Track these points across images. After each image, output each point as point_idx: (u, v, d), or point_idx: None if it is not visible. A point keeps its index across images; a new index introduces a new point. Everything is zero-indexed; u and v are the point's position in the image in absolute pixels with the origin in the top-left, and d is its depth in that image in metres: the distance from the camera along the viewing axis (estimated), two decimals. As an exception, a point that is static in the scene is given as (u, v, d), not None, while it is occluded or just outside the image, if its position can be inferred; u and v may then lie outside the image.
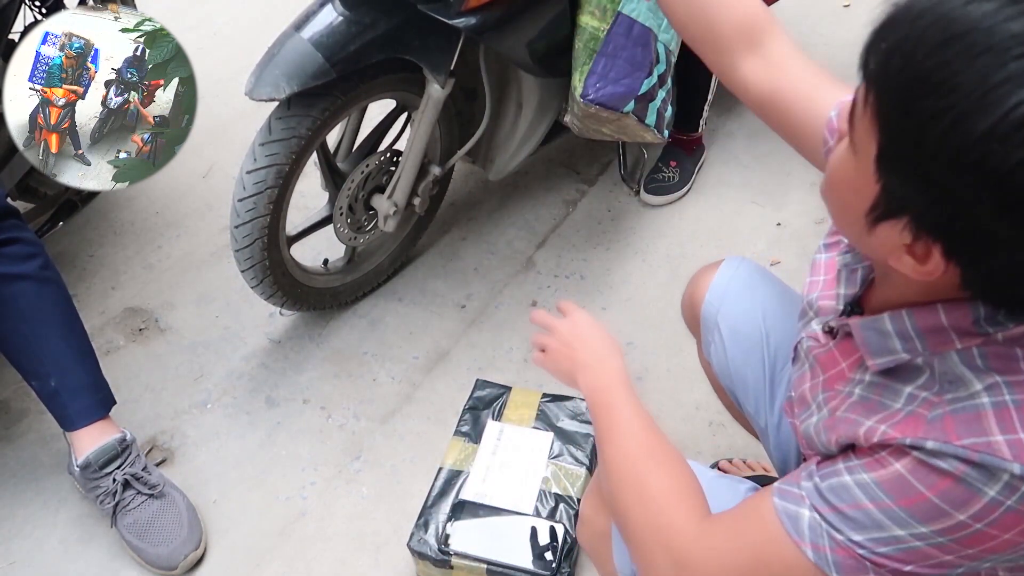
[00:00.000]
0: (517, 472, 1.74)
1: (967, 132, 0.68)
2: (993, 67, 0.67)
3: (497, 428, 1.82)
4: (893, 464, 0.85)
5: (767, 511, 0.93)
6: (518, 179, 2.65)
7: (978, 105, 0.67)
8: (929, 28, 0.72)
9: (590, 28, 1.89)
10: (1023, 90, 0.66)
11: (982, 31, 0.69)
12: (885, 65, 0.77)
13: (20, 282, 1.71)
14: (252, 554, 1.82)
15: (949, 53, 0.70)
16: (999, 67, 0.67)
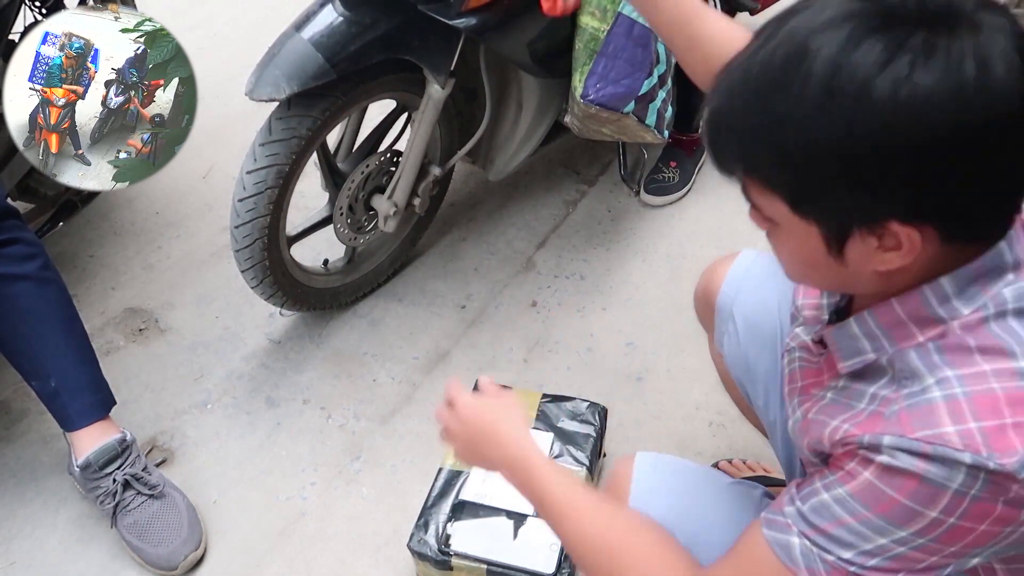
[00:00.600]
0: None
1: (834, 125, 0.76)
2: (810, 75, 0.77)
3: None
4: (862, 473, 0.87)
5: (760, 546, 0.95)
6: (518, 180, 2.65)
7: (822, 102, 0.76)
8: (744, 96, 0.82)
9: (590, 28, 1.89)
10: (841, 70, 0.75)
11: (775, 68, 0.79)
12: (739, 146, 0.85)
13: (20, 282, 1.71)
14: (252, 554, 1.82)
15: (770, 96, 0.79)
16: (809, 72, 0.77)
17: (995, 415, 0.81)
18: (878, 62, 0.74)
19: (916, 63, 0.73)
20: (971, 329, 0.85)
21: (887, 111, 0.74)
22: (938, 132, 0.74)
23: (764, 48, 0.81)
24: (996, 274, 0.86)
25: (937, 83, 0.73)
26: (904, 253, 0.83)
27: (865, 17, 0.76)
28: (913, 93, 0.73)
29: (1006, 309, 0.85)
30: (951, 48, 0.73)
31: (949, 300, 0.86)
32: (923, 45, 0.74)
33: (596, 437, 1.79)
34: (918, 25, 0.75)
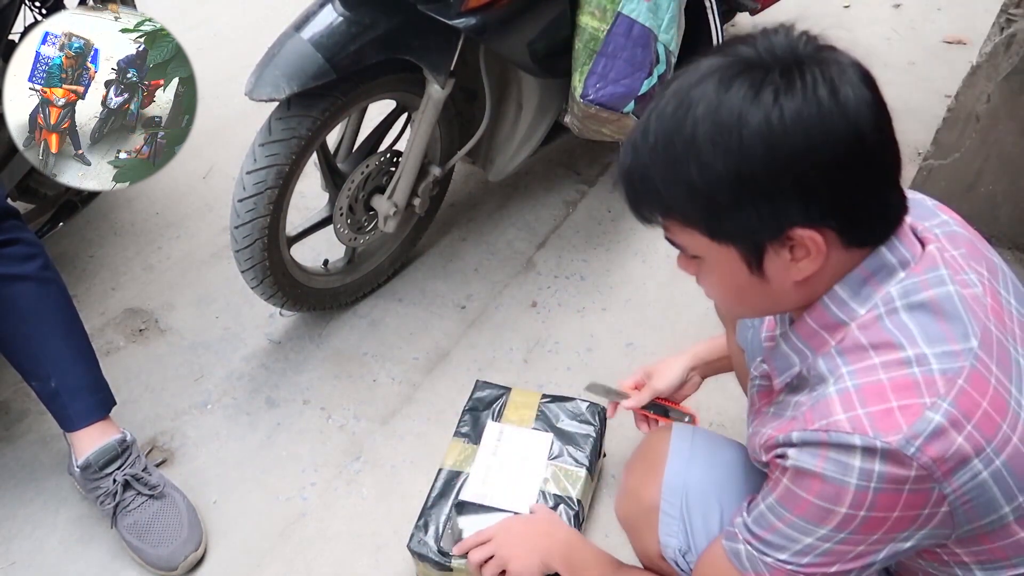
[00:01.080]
0: (517, 473, 1.73)
1: (730, 157, 0.90)
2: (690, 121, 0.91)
3: (497, 429, 1.81)
4: (782, 480, 1.00)
5: (719, 555, 1.11)
6: (518, 180, 2.65)
7: (711, 138, 0.90)
8: (648, 149, 0.95)
9: (590, 28, 1.89)
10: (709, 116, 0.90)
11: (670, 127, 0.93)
12: (653, 193, 0.97)
13: (20, 283, 1.71)
14: (252, 555, 1.82)
15: (669, 143, 0.93)
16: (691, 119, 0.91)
17: (881, 400, 0.92)
18: (748, 97, 0.88)
19: (779, 93, 0.88)
20: (866, 328, 0.97)
21: (764, 134, 0.88)
22: (808, 145, 0.88)
23: (656, 109, 0.95)
24: (886, 273, 0.98)
25: (799, 106, 0.87)
26: (813, 258, 0.94)
27: (729, 67, 0.91)
28: (781, 116, 0.87)
29: (896, 306, 0.96)
30: (805, 79, 0.88)
31: (846, 303, 0.99)
32: (781, 79, 0.88)
33: (596, 437, 1.79)
34: (773, 67, 0.90)
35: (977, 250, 1.08)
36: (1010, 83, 2.14)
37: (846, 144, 0.89)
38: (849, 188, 0.91)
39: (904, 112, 3.04)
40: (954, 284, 0.98)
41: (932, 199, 1.16)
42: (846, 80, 0.89)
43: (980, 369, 0.94)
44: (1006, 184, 2.33)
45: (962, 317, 0.96)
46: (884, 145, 0.94)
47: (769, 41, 0.93)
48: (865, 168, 0.92)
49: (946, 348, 0.94)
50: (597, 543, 1.78)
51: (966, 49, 3.14)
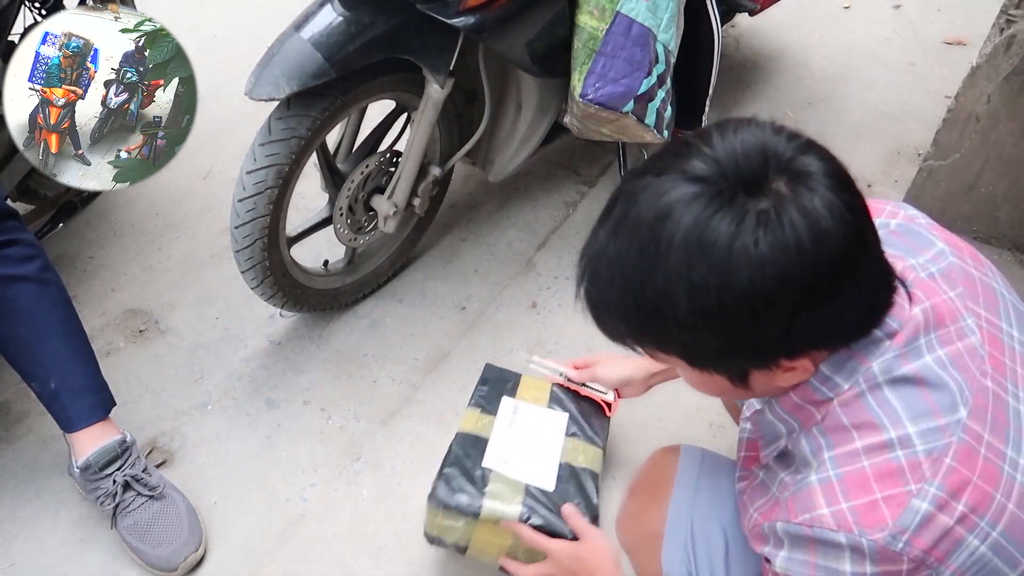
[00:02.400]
0: (535, 447, 1.66)
1: (699, 296, 0.83)
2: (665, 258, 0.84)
3: (512, 404, 1.73)
4: (768, 573, 0.99)
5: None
6: (518, 180, 2.65)
7: (688, 284, 0.83)
8: (614, 286, 0.89)
9: (589, 28, 1.89)
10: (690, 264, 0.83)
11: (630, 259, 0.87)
12: (625, 328, 0.93)
13: (20, 284, 1.71)
14: (252, 555, 1.81)
15: (641, 285, 0.86)
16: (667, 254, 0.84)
17: (865, 492, 0.89)
18: (725, 245, 0.81)
19: (757, 237, 0.81)
20: (848, 405, 0.94)
21: (747, 286, 0.81)
22: (795, 288, 0.82)
23: (617, 236, 0.88)
24: (871, 346, 0.93)
25: (781, 252, 0.81)
26: (800, 373, 0.92)
27: (695, 201, 0.83)
28: (763, 265, 0.81)
29: (878, 382, 0.92)
30: (780, 217, 0.81)
31: (830, 379, 0.95)
32: (758, 219, 0.81)
33: (607, 423, 1.76)
34: (744, 198, 0.82)
35: (974, 283, 1.03)
36: (1010, 84, 2.14)
37: (832, 277, 0.83)
38: (836, 316, 0.87)
39: (904, 113, 3.07)
40: (941, 348, 0.94)
41: (925, 217, 1.12)
42: (824, 203, 0.82)
43: (969, 441, 0.90)
44: (1006, 185, 2.33)
45: (949, 385, 0.92)
46: (868, 259, 0.87)
47: (731, 154, 0.84)
48: (853, 291, 0.86)
49: (931, 424, 0.90)
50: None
51: (966, 50, 3.14)
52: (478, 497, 1.53)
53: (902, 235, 1.06)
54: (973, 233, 2.46)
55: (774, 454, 1.06)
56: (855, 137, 2.81)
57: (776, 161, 0.84)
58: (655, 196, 0.85)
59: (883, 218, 1.09)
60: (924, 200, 2.47)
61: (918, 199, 2.48)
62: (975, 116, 2.25)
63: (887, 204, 1.13)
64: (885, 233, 1.04)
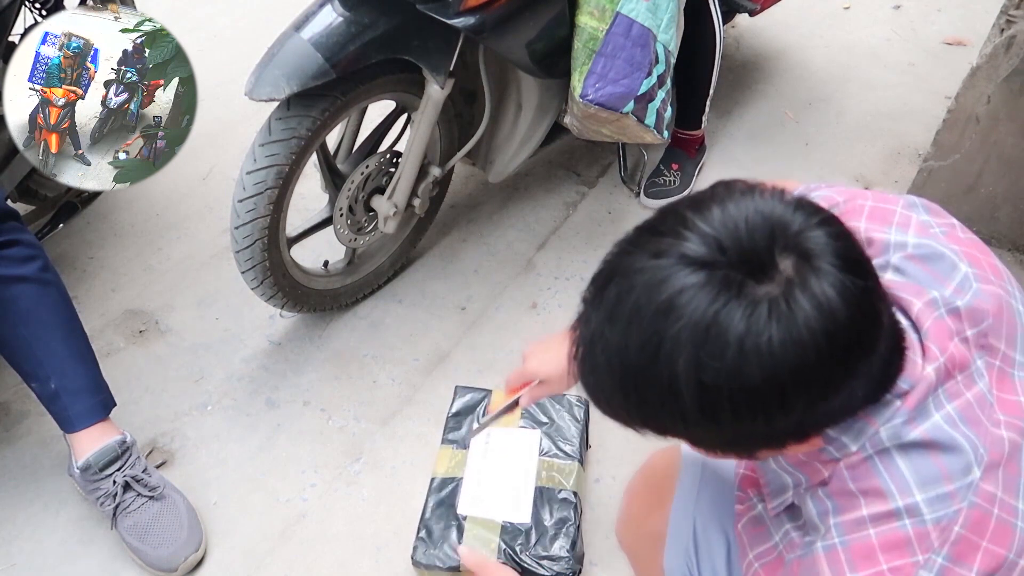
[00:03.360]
0: (510, 475, 1.73)
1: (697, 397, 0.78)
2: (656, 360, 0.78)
3: (484, 432, 1.81)
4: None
5: None
6: (518, 181, 2.65)
7: (697, 394, 0.77)
8: (616, 389, 0.83)
9: (589, 28, 1.89)
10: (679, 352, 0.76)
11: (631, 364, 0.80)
12: (628, 421, 0.87)
13: (20, 284, 1.71)
14: (252, 556, 1.81)
15: (644, 393, 0.81)
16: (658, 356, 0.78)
17: (871, 563, 0.86)
18: (735, 347, 0.75)
19: (769, 335, 0.74)
20: (855, 468, 0.89)
21: (760, 387, 0.76)
22: (809, 383, 0.77)
23: (614, 322, 0.81)
24: (882, 407, 0.88)
25: (794, 348, 0.75)
26: (808, 446, 0.88)
27: (699, 293, 0.76)
28: (776, 363, 0.75)
29: (886, 447, 0.88)
30: (791, 309, 0.75)
31: (837, 439, 0.90)
32: (769, 312, 0.75)
33: (582, 427, 1.80)
34: (745, 283, 0.75)
35: (1001, 310, 0.96)
36: (1010, 84, 2.14)
37: (844, 363, 0.78)
38: (845, 400, 0.81)
39: (904, 113, 3.07)
40: (949, 403, 0.89)
41: (939, 216, 1.05)
42: (833, 284, 0.76)
43: (981, 503, 0.86)
44: (1006, 185, 2.33)
45: (961, 445, 0.87)
46: (877, 332, 0.80)
47: (732, 231, 0.78)
48: (863, 372, 0.80)
49: (940, 491, 0.86)
50: (598, 546, 1.78)
51: (966, 50, 3.14)
52: (455, 553, 1.63)
53: (922, 261, 0.98)
54: (973, 233, 2.46)
55: (781, 508, 1.03)
56: (855, 137, 2.81)
57: (783, 237, 0.77)
58: (654, 284, 0.78)
59: (895, 234, 1.01)
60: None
61: (918, 200, 2.48)
62: (975, 117, 2.25)
63: (896, 203, 1.06)
64: (901, 258, 0.98)
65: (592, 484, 1.88)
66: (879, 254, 1.00)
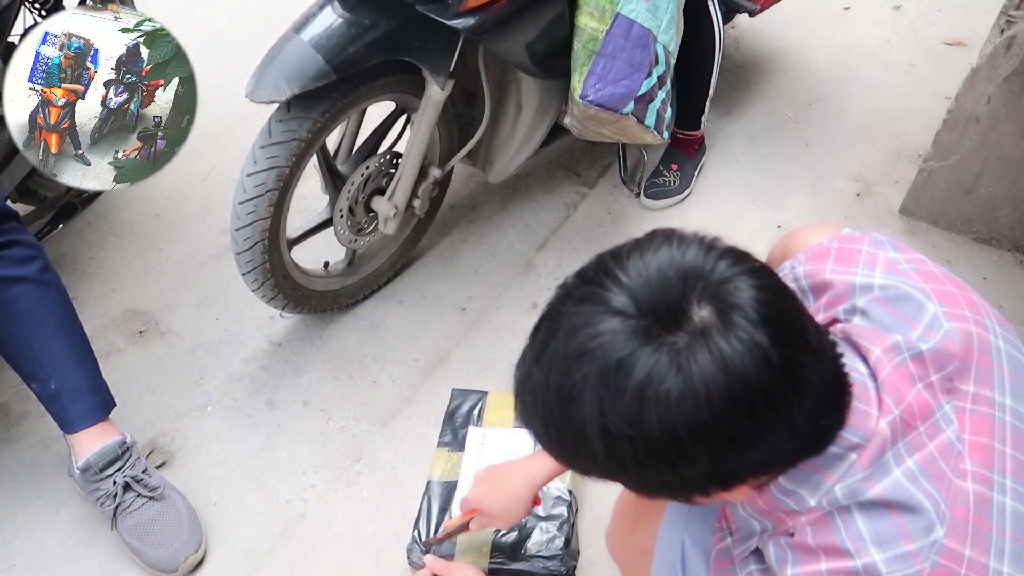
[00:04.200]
0: None
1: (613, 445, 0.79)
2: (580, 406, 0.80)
3: (479, 433, 1.82)
4: None
5: None
6: (518, 182, 2.65)
7: (605, 443, 0.79)
8: (546, 432, 0.85)
9: (589, 29, 1.89)
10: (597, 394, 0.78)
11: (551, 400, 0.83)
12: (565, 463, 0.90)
13: (20, 285, 1.71)
14: (252, 556, 1.82)
15: (565, 441, 0.84)
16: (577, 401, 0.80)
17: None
18: (637, 396, 0.76)
19: (669, 387, 0.75)
20: (814, 525, 0.89)
21: (659, 436, 0.76)
22: (709, 436, 0.76)
23: (539, 364, 0.84)
24: (834, 461, 0.87)
25: (692, 401, 0.75)
26: (742, 495, 0.88)
27: (612, 342, 0.77)
28: (674, 416, 0.75)
29: (844, 505, 0.87)
30: (691, 361, 0.75)
31: (795, 492, 0.90)
32: (670, 362, 0.75)
33: None
34: (656, 334, 0.76)
35: (971, 349, 0.94)
36: (1010, 85, 2.15)
37: (749, 418, 0.77)
38: (763, 453, 0.81)
39: (904, 114, 3.07)
40: (910, 457, 0.87)
41: (906, 252, 1.04)
42: (742, 340, 0.75)
43: (946, 564, 0.85)
44: (1006, 186, 2.33)
45: (922, 504, 0.86)
46: (800, 387, 0.79)
47: (647, 282, 0.78)
48: (780, 425, 0.79)
49: (901, 550, 0.85)
50: (597, 546, 1.78)
51: (966, 51, 3.14)
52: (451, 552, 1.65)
53: (888, 303, 0.97)
54: (973, 234, 2.46)
55: (746, 553, 1.03)
56: (855, 138, 2.81)
57: (700, 285, 0.78)
58: (572, 330, 0.80)
59: (861, 275, 1.01)
60: (924, 201, 2.48)
61: (918, 200, 2.48)
62: (975, 117, 2.25)
63: (862, 243, 1.05)
64: (867, 301, 0.98)
65: (590, 483, 1.88)
66: (843, 298, 1.00)
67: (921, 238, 2.49)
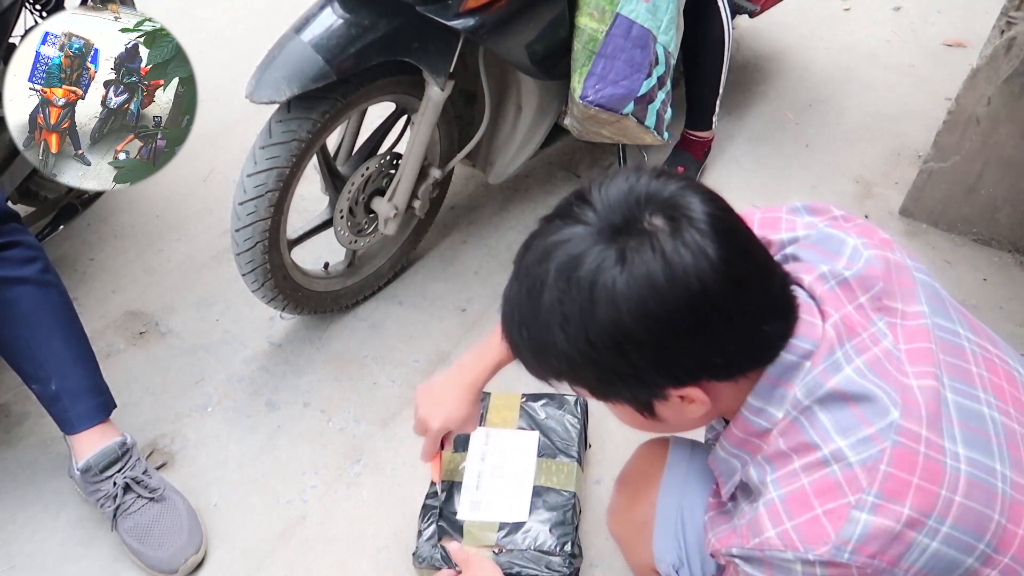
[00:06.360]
0: (509, 477, 1.73)
1: (585, 331, 0.88)
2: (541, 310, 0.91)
3: (483, 433, 1.81)
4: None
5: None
6: (518, 182, 2.65)
7: (560, 325, 0.89)
8: (514, 328, 0.95)
9: (589, 29, 1.89)
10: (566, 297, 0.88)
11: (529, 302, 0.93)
12: (532, 363, 0.98)
13: (20, 286, 1.71)
14: (252, 557, 1.81)
15: (527, 327, 0.93)
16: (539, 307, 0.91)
17: (806, 508, 0.92)
18: (588, 283, 0.87)
19: (615, 272, 0.85)
20: (784, 432, 0.96)
21: (608, 321, 0.86)
22: (652, 323, 0.86)
23: (515, 281, 0.95)
24: (793, 371, 0.95)
25: (635, 288, 0.85)
26: (700, 404, 0.94)
27: (572, 242, 0.89)
28: (620, 301, 0.85)
29: (806, 405, 0.95)
30: (636, 256, 0.85)
31: (764, 410, 0.97)
32: (617, 257, 0.86)
33: (581, 428, 1.80)
34: (611, 237, 0.87)
35: (890, 272, 1.04)
36: (1010, 86, 2.15)
37: (691, 313, 0.86)
38: (708, 349, 0.90)
39: (904, 115, 3.07)
40: (858, 357, 0.96)
41: (836, 212, 1.14)
42: (685, 242, 0.85)
43: (904, 442, 0.91)
44: (1006, 187, 2.33)
45: (874, 392, 0.94)
46: (742, 294, 0.88)
47: (608, 200, 0.90)
48: (722, 326, 0.88)
49: (862, 435, 0.92)
50: (599, 547, 1.78)
51: (966, 52, 3.14)
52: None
53: (815, 245, 1.07)
54: (973, 235, 2.46)
55: (732, 490, 1.08)
56: (855, 139, 2.81)
57: (651, 201, 0.88)
58: (542, 240, 0.92)
59: (786, 233, 1.12)
60: (924, 202, 2.48)
61: (918, 201, 2.49)
62: (975, 118, 2.25)
63: (781, 211, 1.16)
64: (795, 248, 1.08)
65: (592, 485, 1.88)
66: (777, 252, 1.10)
67: (921, 239, 2.49)
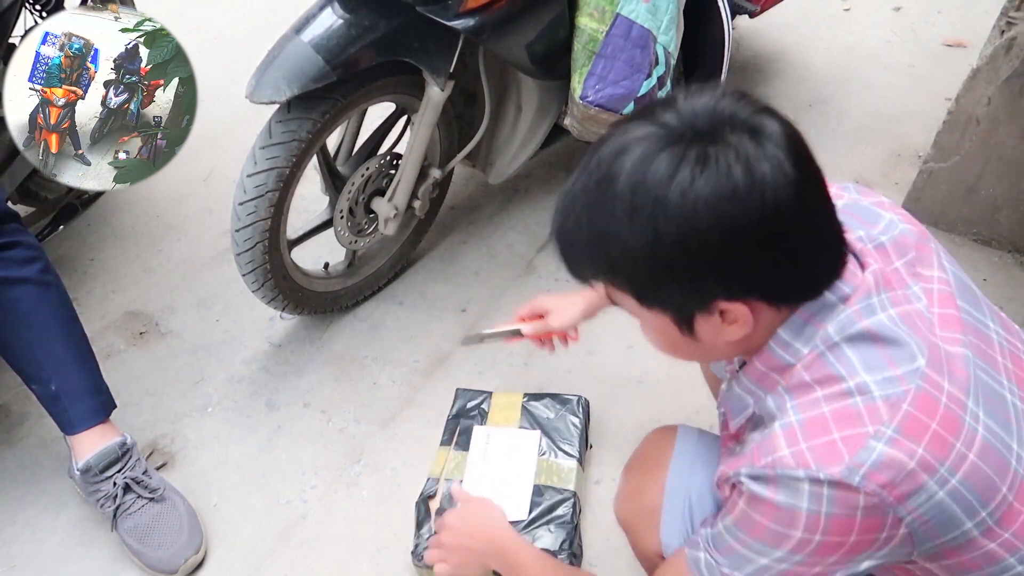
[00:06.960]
0: (510, 475, 1.73)
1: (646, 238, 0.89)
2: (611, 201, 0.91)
3: (484, 432, 1.82)
4: (738, 503, 1.01)
5: (681, 559, 1.13)
6: (518, 183, 2.65)
7: (629, 216, 0.89)
8: (573, 217, 0.96)
9: (589, 30, 1.89)
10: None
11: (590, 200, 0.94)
12: (581, 258, 1.01)
13: (20, 286, 1.71)
14: (252, 557, 1.81)
15: (591, 216, 0.93)
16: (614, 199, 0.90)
17: (824, 433, 0.93)
18: (664, 176, 0.86)
19: (695, 173, 0.86)
20: (809, 366, 0.98)
21: (679, 217, 0.87)
22: (722, 227, 0.86)
23: (583, 174, 0.94)
24: (826, 311, 0.97)
25: (713, 187, 0.85)
26: (742, 324, 0.95)
27: (649, 140, 0.89)
28: (695, 199, 0.86)
29: (835, 341, 0.96)
30: (721, 157, 0.86)
31: (791, 345, 0.99)
32: (698, 157, 0.86)
33: (582, 428, 1.80)
34: (692, 141, 0.87)
35: (925, 244, 1.09)
36: (1010, 86, 2.14)
37: (762, 224, 0.87)
38: (769, 266, 0.91)
39: (904, 115, 3.06)
40: (891, 308, 0.98)
41: (874, 195, 1.16)
42: (766, 155, 0.86)
43: (928, 389, 0.93)
44: (1006, 187, 2.33)
45: (904, 339, 0.96)
46: (808, 217, 0.91)
47: (693, 108, 0.90)
48: (786, 244, 0.90)
49: (888, 374, 0.94)
50: (598, 547, 1.78)
51: (966, 52, 3.14)
52: None
53: (852, 213, 1.10)
54: (973, 235, 2.46)
55: (741, 422, 1.10)
56: (855, 139, 2.81)
57: (733, 119, 0.88)
58: (619, 136, 0.92)
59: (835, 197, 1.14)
60: (924, 202, 2.47)
61: (918, 201, 2.48)
62: (975, 118, 2.25)
63: (831, 185, 1.16)
64: None
65: (592, 485, 1.88)
66: None
67: (921, 239, 2.49)
